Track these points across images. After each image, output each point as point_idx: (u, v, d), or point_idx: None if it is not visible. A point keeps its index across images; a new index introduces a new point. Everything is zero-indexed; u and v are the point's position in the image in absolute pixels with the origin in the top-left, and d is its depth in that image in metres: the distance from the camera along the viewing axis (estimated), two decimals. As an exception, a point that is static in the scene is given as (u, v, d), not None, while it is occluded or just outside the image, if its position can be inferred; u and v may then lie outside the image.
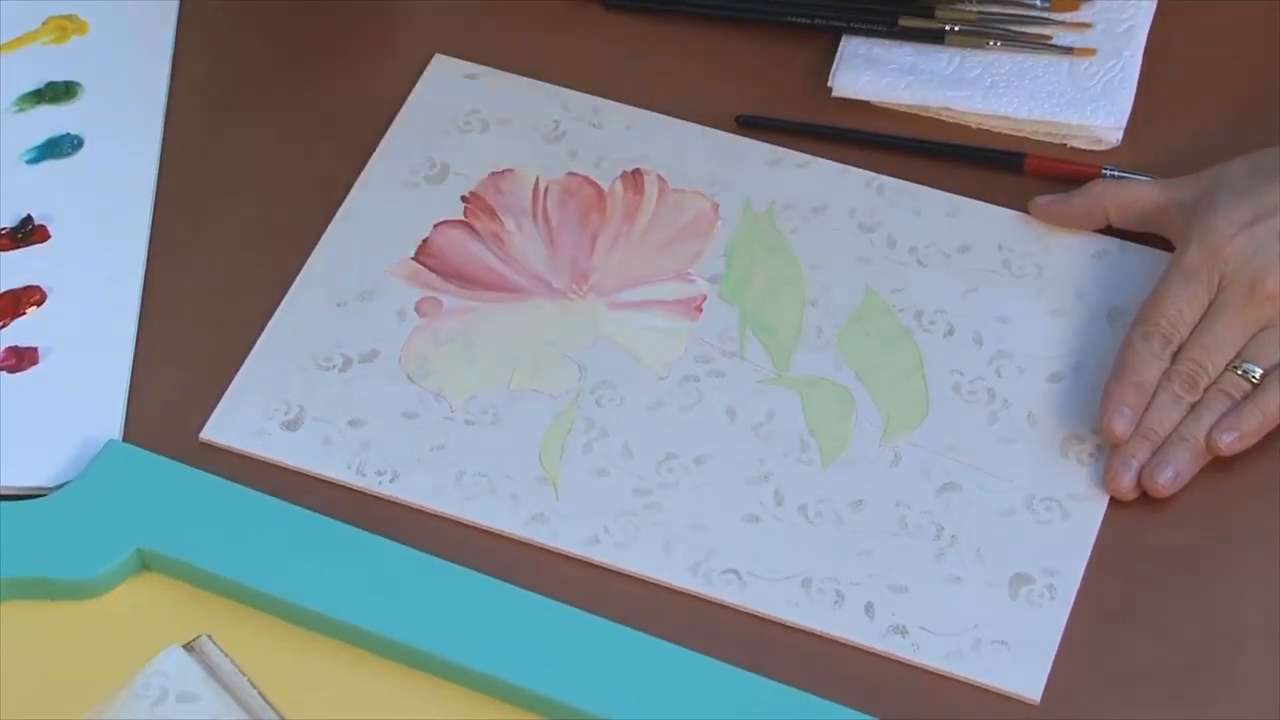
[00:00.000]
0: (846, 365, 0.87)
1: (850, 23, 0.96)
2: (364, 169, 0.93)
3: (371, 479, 0.84)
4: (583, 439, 0.85)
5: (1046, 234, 0.91)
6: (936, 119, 0.95)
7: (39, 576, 0.80)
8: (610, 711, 0.78)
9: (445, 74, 0.96)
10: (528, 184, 0.93)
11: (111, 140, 0.93)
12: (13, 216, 0.91)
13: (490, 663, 0.79)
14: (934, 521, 0.83)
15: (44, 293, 0.89)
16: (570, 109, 0.95)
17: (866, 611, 0.81)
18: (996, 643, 0.80)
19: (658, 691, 0.78)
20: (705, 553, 0.83)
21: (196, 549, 0.81)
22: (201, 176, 0.93)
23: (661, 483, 0.84)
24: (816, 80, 0.96)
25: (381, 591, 0.80)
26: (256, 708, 0.78)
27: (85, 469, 0.83)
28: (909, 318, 0.89)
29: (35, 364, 0.87)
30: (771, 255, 0.91)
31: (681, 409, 0.86)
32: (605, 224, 0.92)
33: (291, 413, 0.86)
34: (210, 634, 0.79)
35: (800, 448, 0.85)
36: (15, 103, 0.94)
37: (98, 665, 0.79)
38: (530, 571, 0.82)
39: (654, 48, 0.97)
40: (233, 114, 0.95)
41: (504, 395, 0.87)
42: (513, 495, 0.84)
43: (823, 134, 0.94)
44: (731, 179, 0.93)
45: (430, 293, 0.90)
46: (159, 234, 0.91)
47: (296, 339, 0.88)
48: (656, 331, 0.88)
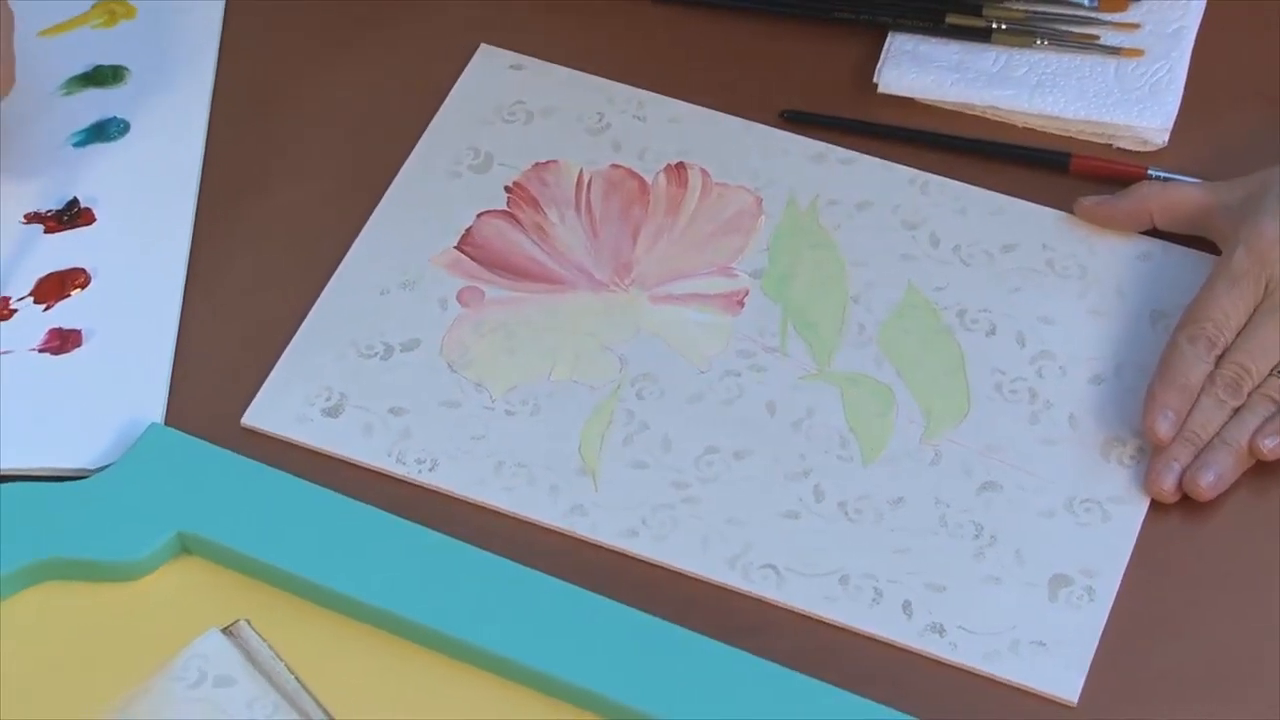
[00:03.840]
0: (888, 362, 0.87)
1: (897, 19, 0.96)
2: (408, 158, 0.93)
3: (411, 467, 0.85)
4: (623, 431, 0.85)
5: (1091, 234, 0.90)
6: (982, 117, 0.94)
7: (80, 558, 0.81)
8: (643, 704, 0.78)
9: (491, 64, 0.96)
10: (571, 175, 0.93)
11: (158, 125, 0.93)
12: (59, 199, 0.91)
13: (525, 652, 0.79)
14: (973, 520, 0.83)
15: (89, 275, 0.89)
16: (615, 101, 0.95)
17: (904, 609, 0.81)
18: (1034, 643, 0.80)
19: (692, 685, 0.78)
20: (743, 547, 0.83)
21: (236, 533, 0.81)
22: (247, 162, 0.93)
23: (700, 476, 0.84)
24: (862, 76, 0.96)
25: (419, 579, 0.80)
26: (293, 692, 0.78)
27: (127, 452, 0.83)
28: (951, 316, 0.88)
29: (79, 346, 0.87)
30: (815, 251, 0.90)
31: (722, 403, 0.86)
32: (648, 217, 0.92)
33: (333, 399, 0.86)
34: (248, 618, 0.79)
35: (840, 444, 0.85)
36: (63, 86, 0.95)
37: (136, 647, 0.79)
38: (567, 562, 0.82)
39: (700, 41, 0.97)
40: (278, 101, 0.95)
41: (545, 386, 0.87)
42: (552, 486, 0.84)
43: (868, 130, 0.94)
44: (775, 174, 0.93)
45: (472, 282, 0.90)
46: (203, 218, 0.91)
47: (339, 326, 0.88)
48: (698, 325, 0.88)
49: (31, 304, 0.88)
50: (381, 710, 0.78)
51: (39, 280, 0.89)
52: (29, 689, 0.79)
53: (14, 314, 0.88)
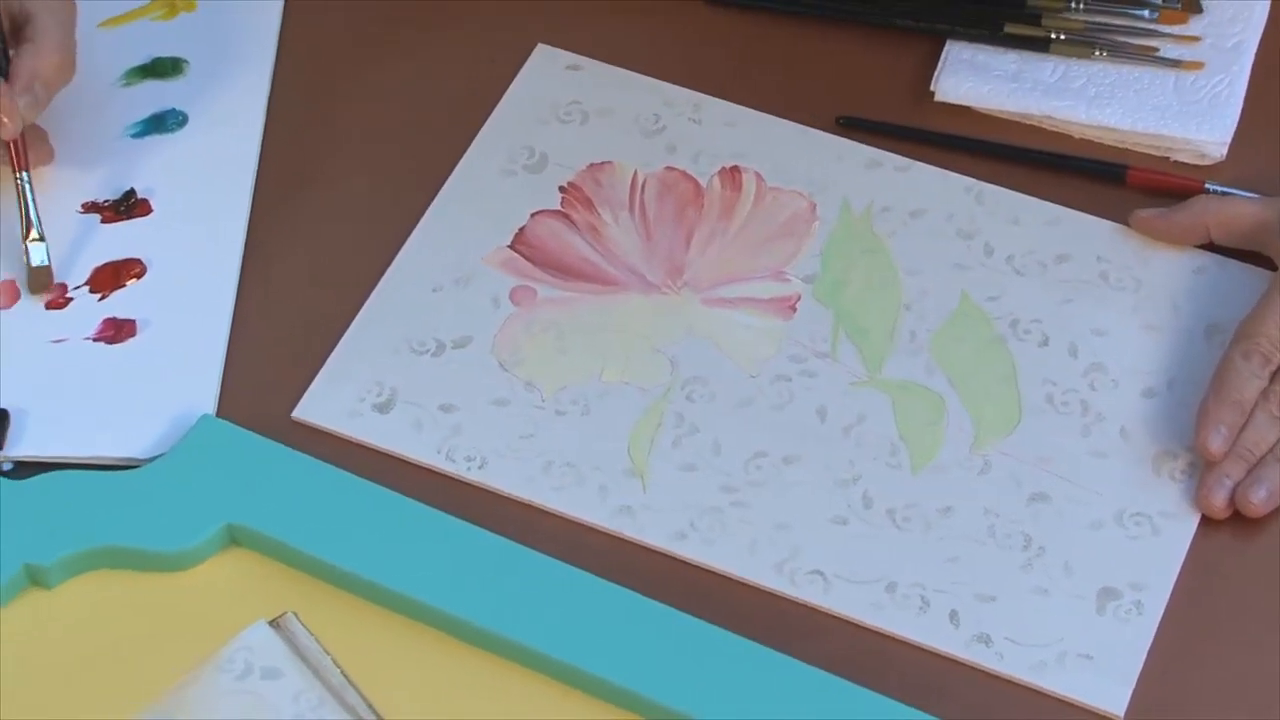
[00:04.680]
0: (939, 371, 0.87)
1: (956, 27, 0.96)
2: (464, 156, 0.93)
3: (460, 464, 0.85)
4: (672, 433, 0.85)
5: (1146, 247, 0.90)
6: (1038, 127, 0.94)
7: (130, 547, 0.81)
8: (687, 706, 0.78)
9: (547, 64, 0.96)
10: (626, 177, 0.93)
11: (216, 117, 0.94)
12: (116, 189, 0.92)
13: (570, 651, 0.79)
14: (1022, 531, 0.83)
15: (144, 266, 0.90)
16: (671, 104, 0.95)
17: (951, 619, 0.81)
18: (1081, 656, 0.80)
19: (737, 689, 0.78)
20: (791, 552, 0.83)
21: (285, 526, 0.82)
22: (303, 157, 0.93)
23: (749, 480, 0.84)
24: (919, 84, 0.95)
25: (466, 576, 0.80)
26: (338, 686, 0.78)
27: (179, 442, 0.84)
28: (1004, 326, 0.88)
29: (133, 336, 0.88)
30: (868, 258, 0.90)
31: (772, 408, 0.86)
32: (702, 220, 0.92)
33: (384, 395, 0.87)
34: (296, 611, 0.79)
35: (890, 451, 0.85)
36: (123, 77, 0.95)
37: (183, 637, 0.80)
38: (614, 563, 0.82)
39: (756, 45, 0.97)
40: (336, 95, 0.95)
41: (595, 387, 0.87)
42: (600, 487, 0.84)
43: (923, 138, 0.94)
44: (830, 179, 0.92)
45: (525, 281, 0.90)
46: (259, 212, 0.92)
47: (391, 322, 0.88)
48: (749, 329, 0.88)
49: (87, 293, 0.89)
50: (426, 706, 0.79)
51: (95, 270, 0.89)
52: (76, 676, 0.79)
53: (70, 303, 0.88)
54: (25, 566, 0.80)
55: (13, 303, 0.88)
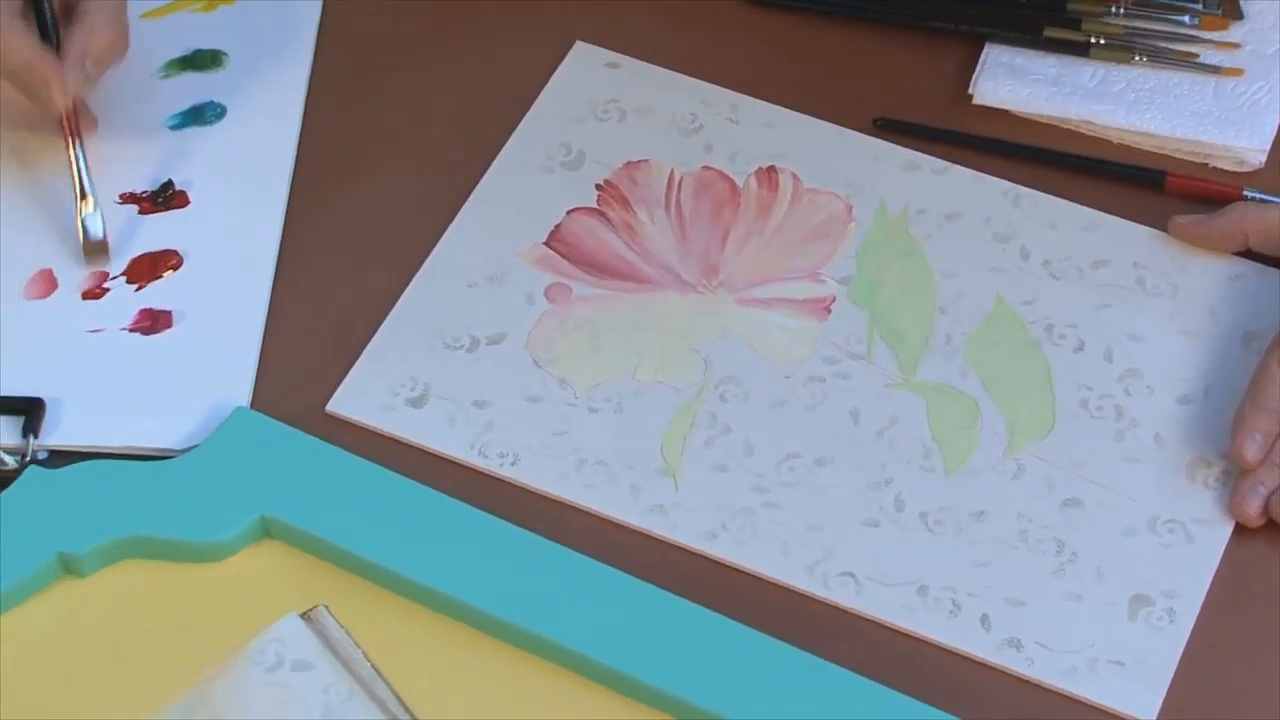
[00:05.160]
0: (974, 374, 0.87)
1: (995, 30, 0.96)
2: (501, 152, 0.93)
3: (493, 460, 0.85)
4: (705, 433, 0.85)
5: (1184, 254, 0.90)
6: (1077, 132, 0.94)
7: (163, 537, 0.81)
8: (716, 706, 0.78)
9: (586, 61, 0.96)
10: (662, 175, 0.93)
11: (254, 110, 0.94)
12: (154, 180, 0.92)
13: (600, 649, 0.79)
14: (1055, 537, 0.83)
15: (181, 257, 0.90)
16: (708, 103, 0.95)
17: (982, 623, 0.81)
18: (1112, 663, 0.79)
19: (766, 689, 0.78)
20: (823, 554, 0.82)
21: (318, 519, 0.82)
22: (340, 151, 0.94)
23: (782, 481, 0.84)
24: (957, 87, 0.95)
25: (497, 572, 0.80)
26: (369, 679, 0.78)
27: (213, 434, 0.84)
28: (1039, 330, 0.88)
29: (169, 327, 0.88)
30: (904, 260, 0.90)
31: (806, 409, 0.86)
32: (738, 219, 0.92)
33: (417, 390, 0.87)
34: (327, 604, 0.80)
35: (923, 454, 0.85)
36: (162, 69, 0.96)
37: (215, 628, 0.80)
38: (645, 562, 0.82)
39: (795, 46, 0.97)
40: (374, 90, 0.96)
41: (629, 385, 0.87)
42: (633, 485, 0.84)
43: (961, 141, 0.93)
44: (867, 181, 0.92)
45: (560, 279, 0.90)
46: (296, 205, 0.92)
47: (426, 317, 0.89)
48: (784, 330, 0.88)
49: (124, 283, 0.89)
50: (456, 700, 0.79)
51: (132, 260, 0.90)
52: (108, 664, 0.79)
53: (106, 293, 0.89)
54: (59, 555, 0.81)
55: (50, 292, 0.89)
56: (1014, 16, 0.96)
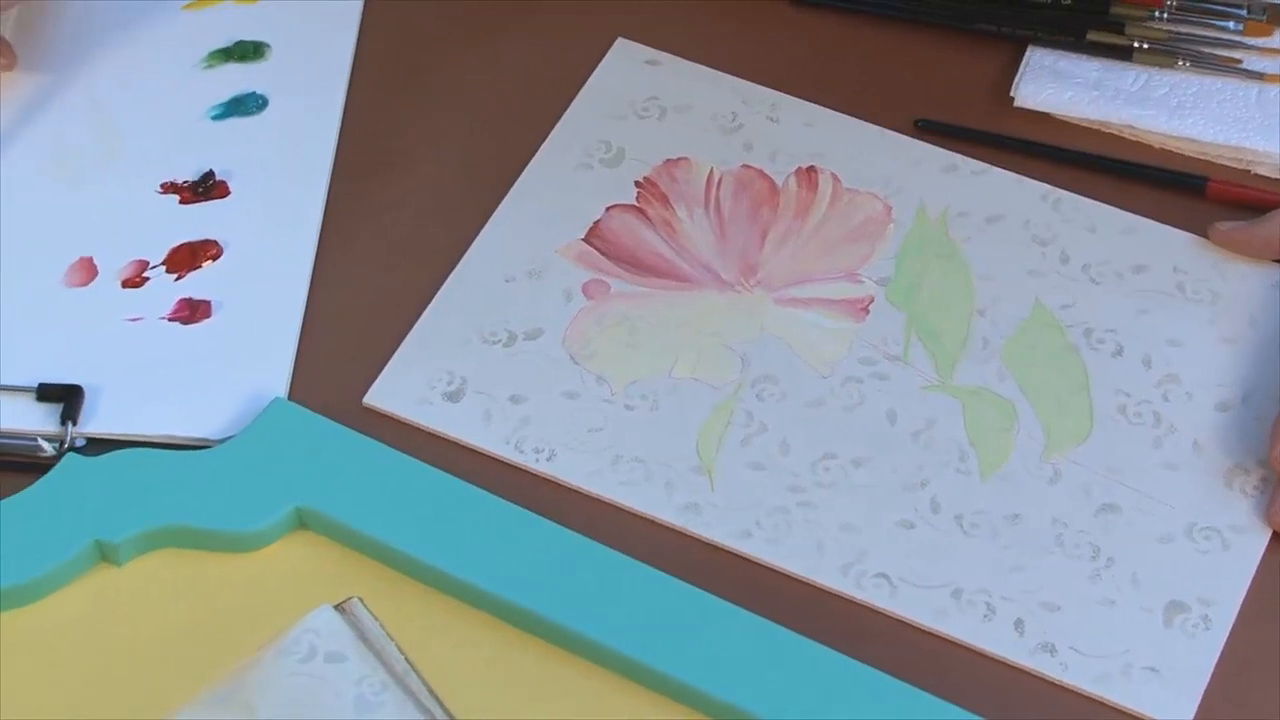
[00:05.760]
0: (1011, 378, 0.87)
1: (1038, 33, 0.95)
2: (540, 147, 0.93)
3: (529, 455, 0.85)
4: (741, 432, 0.85)
5: (1224, 260, 0.89)
6: (1118, 136, 0.94)
7: (198, 526, 0.81)
8: (748, 704, 0.78)
9: (626, 58, 0.96)
10: (702, 174, 0.93)
11: (296, 102, 0.94)
12: (195, 170, 0.92)
13: (633, 646, 0.79)
14: (1091, 542, 0.82)
15: (220, 248, 0.90)
16: (749, 102, 0.95)
17: (1016, 627, 0.80)
18: (1147, 669, 0.79)
19: (799, 689, 0.78)
20: (857, 555, 0.82)
21: (354, 511, 0.82)
22: (380, 144, 0.94)
23: (817, 481, 0.84)
24: (998, 89, 0.95)
25: (531, 567, 0.80)
26: (402, 673, 0.78)
27: (250, 424, 0.84)
28: (1078, 334, 0.88)
29: (208, 317, 0.88)
30: (942, 262, 0.90)
31: (843, 409, 0.86)
32: (777, 219, 0.92)
33: (454, 384, 0.87)
34: (361, 596, 0.80)
35: (959, 457, 0.85)
36: (205, 59, 0.96)
37: (249, 618, 0.80)
38: (679, 559, 0.82)
39: (837, 46, 0.97)
40: (415, 83, 0.96)
41: (665, 383, 0.87)
42: (667, 483, 0.84)
43: (1002, 143, 0.93)
44: (907, 182, 0.92)
45: (598, 275, 0.90)
46: (335, 197, 0.92)
47: (463, 311, 0.89)
48: (821, 330, 0.88)
49: (164, 273, 0.89)
50: (489, 695, 0.79)
51: (172, 250, 0.90)
52: (142, 652, 0.80)
53: (146, 282, 0.89)
54: (96, 542, 0.81)
55: (89, 280, 0.89)
56: (1057, 19, 0.95)
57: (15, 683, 0.79)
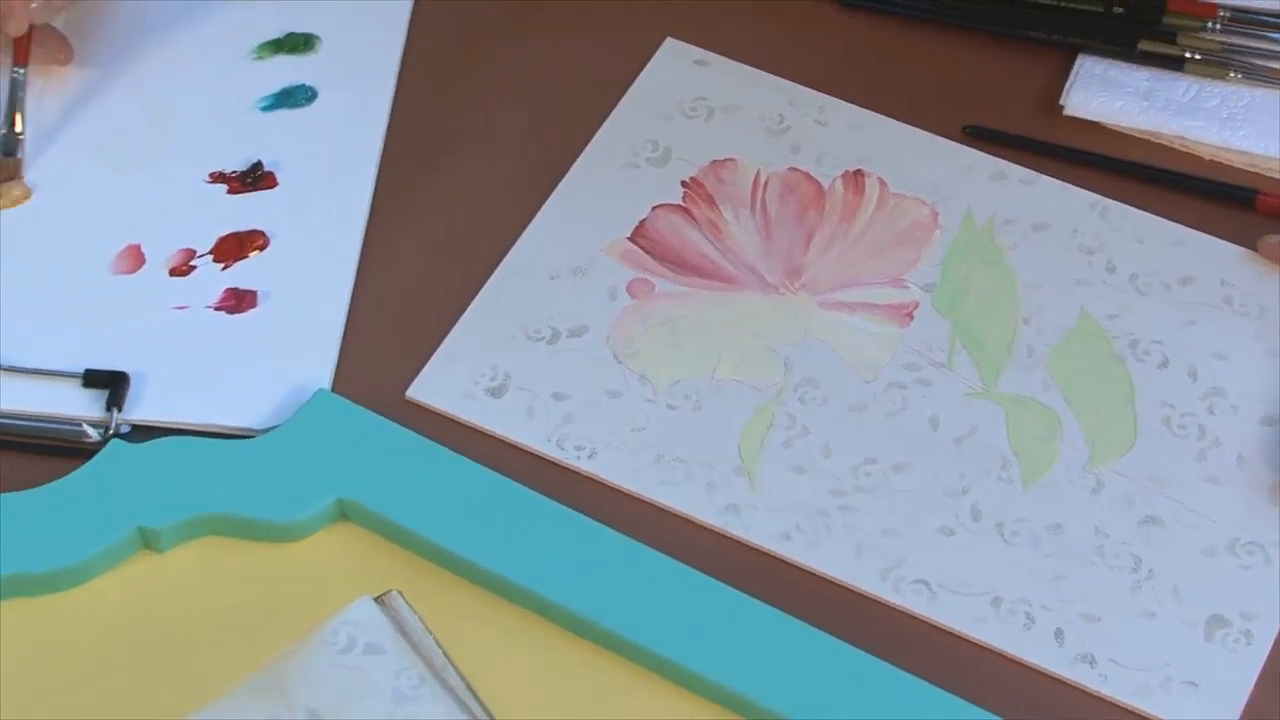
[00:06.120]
0: (1055, 387, 0.86)
1: (1089, 42, 0.95)
2: (587, 145, 0.93)
3: (570, 453, 0.85)
4: (783, 434, 0.85)
5: (1272, 274, 0.89)
6: (1168, 147, 0.93)
7: (241, 515, 0.82)
8: (784, 708, 0.78)
9: (675, 58, 0.96)
10: (748, 175, 0.93)
11: (345, 95, 0.94)
12: (244, 160, 0.92)
13: (670, 646, 0.79)
14: (1132, 553, 0.82)
15: (267, 238, 0.90)
16: (796, 104, 0.95)
17: (1056, 637, 0.80)
18: (1186, 683, 0.79)
19: (835, 693, 0.78)
20: (896, 560, 0.82)
21: (395, 504, 0.82)
22: (428, 138, 0.94)
23: (858, 486, 0.84)
24: (1048, 97, 0.95)
25: (571, 564, 0.80)
26: (440, 667, 0.78)
27: (293, 415, 0.84)
28: (1123, 345, 0.87)
29: (254, 307, 0.88)
30: (988, 269, 0.90)
31: (885, 414, 0.86)
32: (823, 222, 0.91)
33: (497, 379, 0.87)
34: (401, 589, 0.80)
35: (1001, 465, 0.84)
36: (255, 51, 0.96)
37: (289, 608, 0.80)
38: (718, 560, 0.82)
39: (886, 50, 0.97)
40: (464, 79, 0.96)
41: (708, 383, 0.87)
42: (708, 483, 0.84)
43: (1050, 151, 0.93)
44: (954, 188, 0.92)
45: (643, 274, 0.90)
46: (382, 191, 0.92)
47: (508, 307, 0.89)
48: (866, 334, 0.88)
49: (211, 262, 0.89)
50: (525, 691, 0.79)
51: (219, 239, 0.90)
52: (182, 639, 0.80)
53: (193, 271, 0.89)
54: (138, 529, 0.81)
55: (137, 268, 0.89)
56: (1109, 28, 0.95)
57: (56, 665, 0.79)
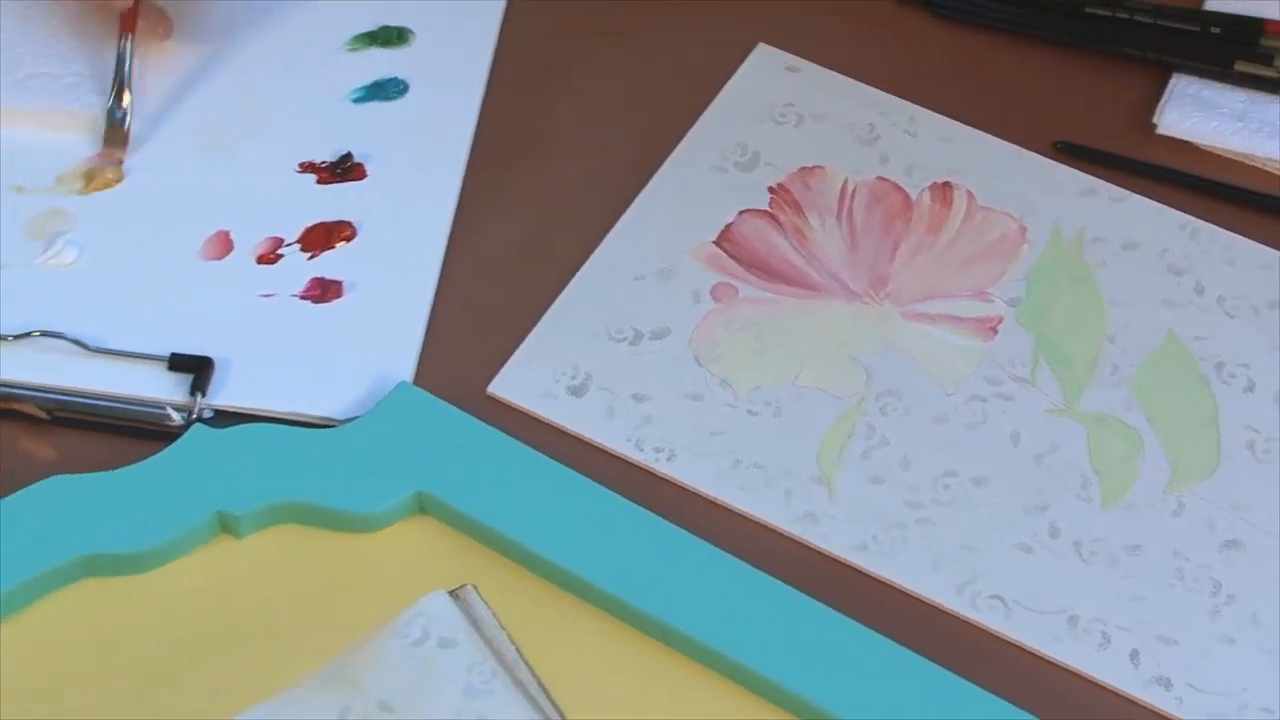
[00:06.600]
0: (1139, 407, 0.86)
1: (1185, 61, 0.94)
2: (676, 147, 0.93)
3: (649, 455, 0.85)
4: (863, 444, 0.85)
5: (1363, 301, 0.88)
6: (1262, 169, 0.92)
7: (320, 504, 0.82)
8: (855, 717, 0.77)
9: (767, 63, 0.96)
10: (836, 183, 0.92)
11: (436, 89, 0.95)
12: (334, 151, 0.93)
13: (742, 651, 0.79)
14: (1212, 577, 0.81)
15: (354, 229, 0.91)
16: (886, 114, 0.94)
17: (1132, 659, 0.80)
18: (1263, 710, 0.78)
19: (909, 706, 0.77)
20: (973, 575, 0.82)
21: (473, 499, 0.82)
22: (517, 135, 0.94)
23: (936, 499, 0.84)
24: (1141, 115, 0.94)
25: (647, 566, 0.80)
26: (511, 663, 0.78)
27: (375, 406, 0.84)
28: (1209, 367, 0.87)
29: (339, 298, 0.89)
30: (1075, 286, 0.89)
31: (966, 428, 0.85)
32: (909, 233, 0.91)
33: (579, 378, 0.87)
34: (476, 584, 0.80)
35: (1081, 484, 0.84)
36: (349, 42, 0.96)
37: (364, 598, 0.81)
38: (793, 568, 0.82)
39: (978, 62, 0.97)
40: (555, 76, 0.96)
41: (789, 390, 0.87)
42: (786, 491, 0.84)
43: (1142, 170, 0.92)
44: (1042, 204, 0.92)
45: (727, 278, 0.90)
46: (470, 186, 0.92)
47: (591, 306, 0.89)
48: (949, 347, 0.88)
49: (298, 251, 0.90)
50: (597, 690, 0.79)
51: (307, 229, 0.90)
52: (257, 625, 0.80)
53: (280, 259, 0.90)
54: (217, 514, 0.82)
55: (225, 254, 0.90)
56: (1204, 48, 0.94)
57: (131, 647, 0.80)
